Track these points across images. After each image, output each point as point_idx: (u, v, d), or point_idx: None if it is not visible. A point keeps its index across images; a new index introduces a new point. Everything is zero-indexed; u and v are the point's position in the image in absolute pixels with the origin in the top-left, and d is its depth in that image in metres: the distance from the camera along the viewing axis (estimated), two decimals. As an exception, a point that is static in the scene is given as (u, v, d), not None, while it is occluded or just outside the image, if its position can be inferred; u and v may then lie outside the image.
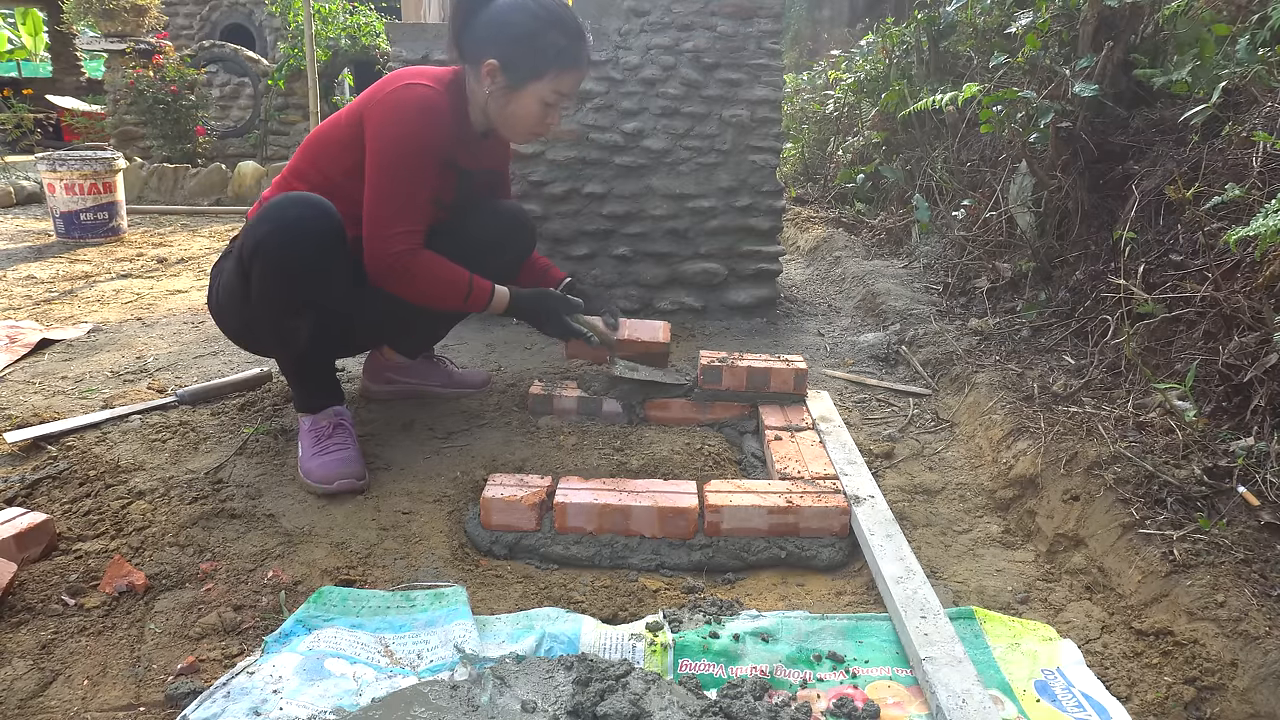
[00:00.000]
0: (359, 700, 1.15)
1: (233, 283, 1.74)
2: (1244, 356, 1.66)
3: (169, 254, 4.22)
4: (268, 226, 1.63)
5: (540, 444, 1.95)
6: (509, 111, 1.82)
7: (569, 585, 1.49)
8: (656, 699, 1.13)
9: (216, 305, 1.85)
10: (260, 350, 1.96)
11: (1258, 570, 1.31)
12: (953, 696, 1.14)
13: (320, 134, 1.85)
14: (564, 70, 1.80)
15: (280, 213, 1.63)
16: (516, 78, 1.78)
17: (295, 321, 1.75)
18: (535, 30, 1.76)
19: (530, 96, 1.80)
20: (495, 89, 1.79)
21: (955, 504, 1.80)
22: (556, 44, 1.78)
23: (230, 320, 1.85)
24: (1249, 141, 1.90)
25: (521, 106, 1.82)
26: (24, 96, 7.99)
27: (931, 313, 2.78)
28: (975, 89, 2.95)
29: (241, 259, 1.67)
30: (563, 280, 2.16)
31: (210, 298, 1.87)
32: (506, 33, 1.77)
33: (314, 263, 1.66)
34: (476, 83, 1.81)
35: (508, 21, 1.77)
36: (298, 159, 1.87)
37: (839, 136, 5.11)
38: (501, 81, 1.78)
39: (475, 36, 1.78)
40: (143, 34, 6.70)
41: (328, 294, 1.75)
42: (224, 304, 1.82)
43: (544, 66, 1.78)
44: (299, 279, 1.67)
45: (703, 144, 2.90)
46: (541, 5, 1.78)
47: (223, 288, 1.80)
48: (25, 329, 2.78)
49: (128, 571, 1.41)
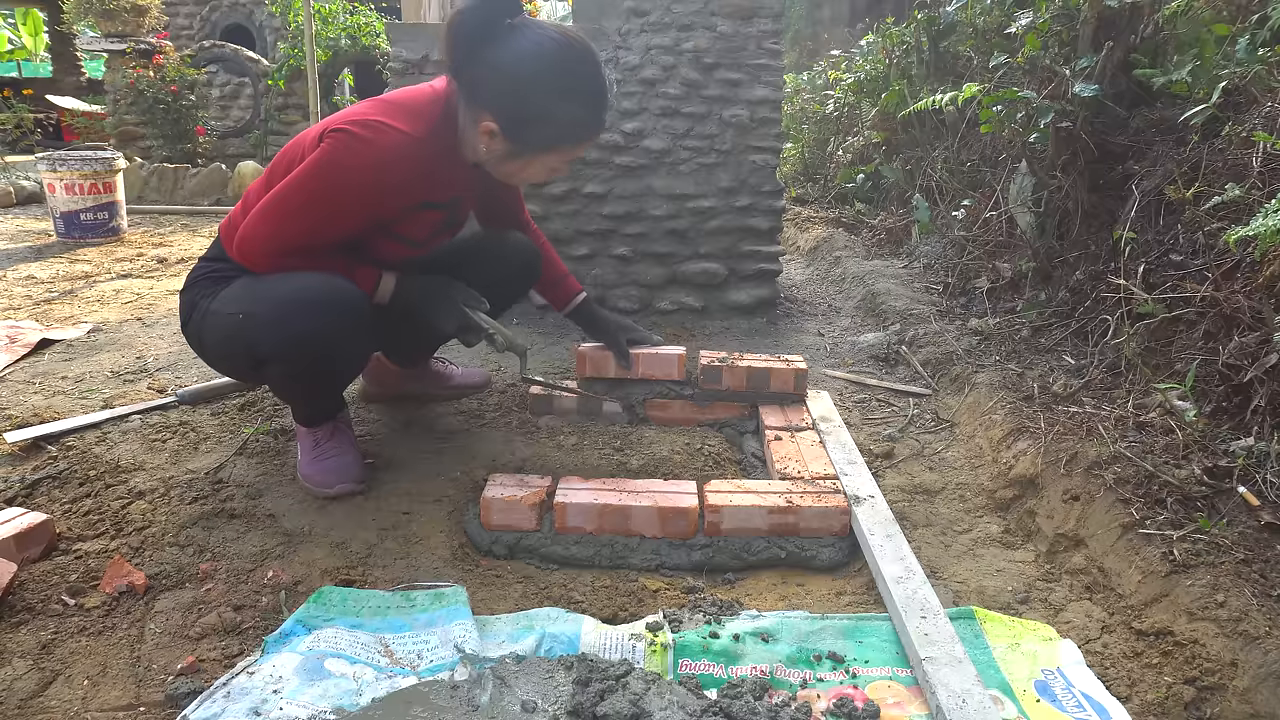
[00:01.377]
0: (359, 700, 1.15)
1: (234, 351, 1.63)
2: (1244, 356, 1.66)
3: (169, 254, 4.22)
4: (291, 335, 1.53)
5: (540, 444, 1.95)
6: (505, 170, 1.65)
7: (569, 585, 1.49)
8: (656, 699, 1.13)
9: (203, 347, 1.71)
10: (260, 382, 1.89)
11: (1258, 570, 1.31)
12: (953, 696, 1.14)
13: (285, 159, 1.65)
14: (578, 143, 1.63)
15: (302, 324, 1.52)
16: (519, 148, 1.57)
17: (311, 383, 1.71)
18: (552, 98, 1.51)
19: (536, 165, 1.62)
20: (493, 151, 1.58)
21: (955, 504, 1.80)
22: (573, 117, 1.55)
23: (226, 368, 1.78)
24: (1249, 141, 1.90)
25: (523, 172, 1.65)
26: (24, 96, 7.98)
27: (931, 313, 2.78)
28: (975, 89, 2.95)
29: (262, 356, 1.58)
30: (579, 295, 2.05)
31: (191, 334, 1.71)
32: (516, 95, 1.51)
33: (344, 363, 1.67)
34: (469, 125, 1.58)
35: (521, 79, 1.50)
36: (264, 184, 1.67)
37: (839, 136, 5.11)
38: (501, 148, 1.56)
39: (477, 77, 1.52)
40: (143, 34, 6.70)
41: (351, 368, 1.74)
42: (217, 357, 1.72)
43: (554, 142, 1.58)
44: (326, 375, 1.68)
45: (703, 144, 2.90)
46: (565, 65, 1.52)
47: (217, 342, 1.66)
48: (25, 329, 2.78)
49: (128, 571, 1.41)
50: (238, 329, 1.58)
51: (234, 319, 1.59)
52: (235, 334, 1.59)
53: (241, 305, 1.59)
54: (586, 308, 2.07)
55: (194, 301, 1.69)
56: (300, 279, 1.58)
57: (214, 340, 1.66)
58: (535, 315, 2.94)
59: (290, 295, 1.55)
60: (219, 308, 1.62)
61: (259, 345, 1.57)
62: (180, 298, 1.74)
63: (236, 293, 1.62)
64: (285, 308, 1.54)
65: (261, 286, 1.59)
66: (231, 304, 1.61)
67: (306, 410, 1.77)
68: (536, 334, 2.82)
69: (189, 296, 1.71)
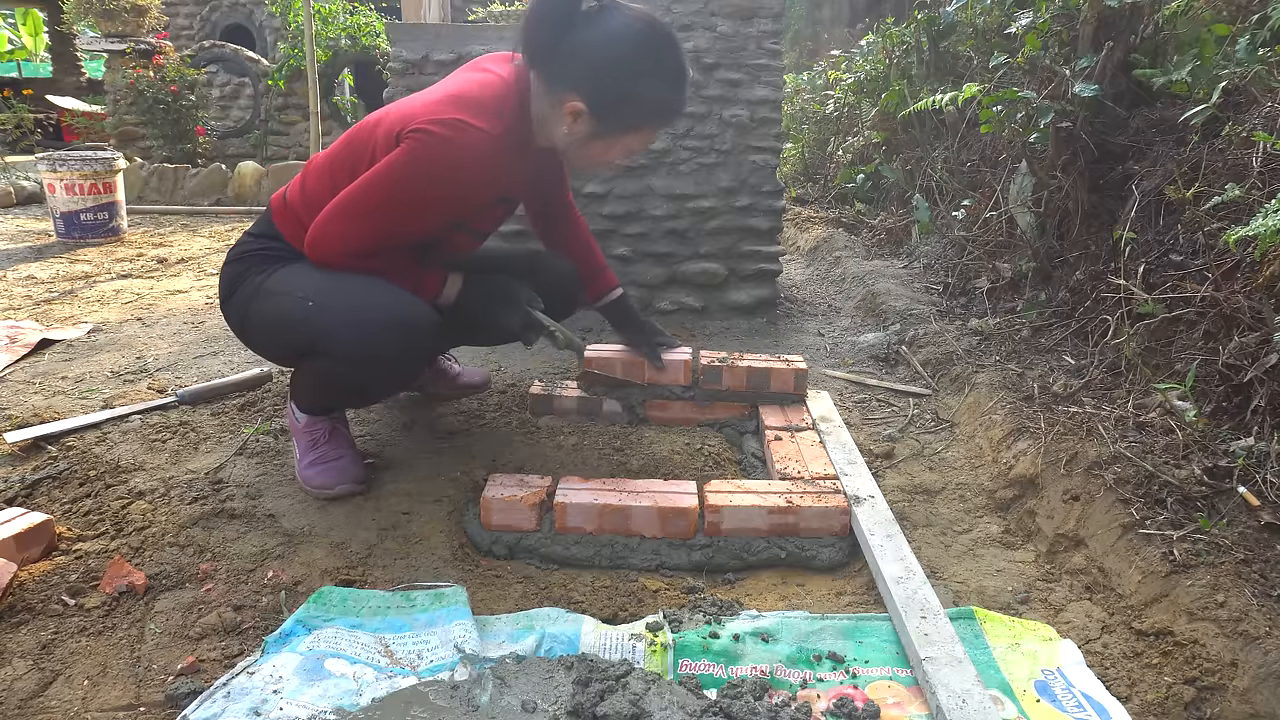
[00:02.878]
0: (359, 700, 1.15)
1: (290, 334, 1.62)
2: (1244, 356, 1.66)
3: (169, 254, 4.22)
4: (366, 350, 1.54)
5: (540, 444, 1.95)
6: (587, 157, 1.64)
7: (569, 585, 1.49)
8: (656, 699, 1.13)
9: (246, 320, 1.68)
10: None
11: (1258, 570, 1.31)
12: (953, 697, 1.14)
13: (354, 149, 1.62)
14: (661, 122, 1.64)
15: (382, 343, 1.54)
16: (605, 128, 1.56)
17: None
18: (640, 77, 1.52)
19: (619, 146, 1.62)
20: (576, 133, 1.57)
21: (955, 504, 1.80)
22: (659, 96, 1.56)
23: (268, 346, 1.76)
24: (1249, 141, 1.90)
25: (605, 154, 1.64)
26: (24, 96, 7.98)
27: (931, 313, 2.78)
28: (975, 89, 2.95)
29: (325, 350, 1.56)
30: (612, 290, 2.03)
31: (234, 307, 1.69)
32: (605, 75, 1.52)
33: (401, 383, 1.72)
34: (550, 109, 1.57)
35: (610, 59, 1.51)
36: (329, 168, 1.65)
37: (839, 136, 5.11)
38: (585, 128, 1.56)
39: (562, 60, 1.52)
40: (143, 34, 6.70)
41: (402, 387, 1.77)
42: (263, 334, 1.69)
43: (641, 120, 1.58)
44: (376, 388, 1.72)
45: (703, 144, 2.90)
46: (652, 46, 1.53)
47: (272, 320, 1.64)
48: (25, 329, 2.78)
49: (128, 571, 1.41)
50: (305, 315, 1.57)
51: (301, 303, 1.57)
52: (301, 319, 1.57)
53: (315, 294, 1.58)
54: (623, 304, 2.06)
55: (241, 274, 1.68)
56: (382, 290, 1.58)
57: (268, 316, 1.64)
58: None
59: (373, 305, 1.55)
60: (280, 286, 1.62)
61: (327, 341, 1.55)
62: (224, 270, 1.71)
63: (306, 277, 1.60)
64: (367, 318, 1.54)
65: (340, 283, 1.58)
66: (299, 287, 1.60)
67: (320, 403, 1.76)
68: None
69: (236, 269, 1.69)
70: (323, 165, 1.68)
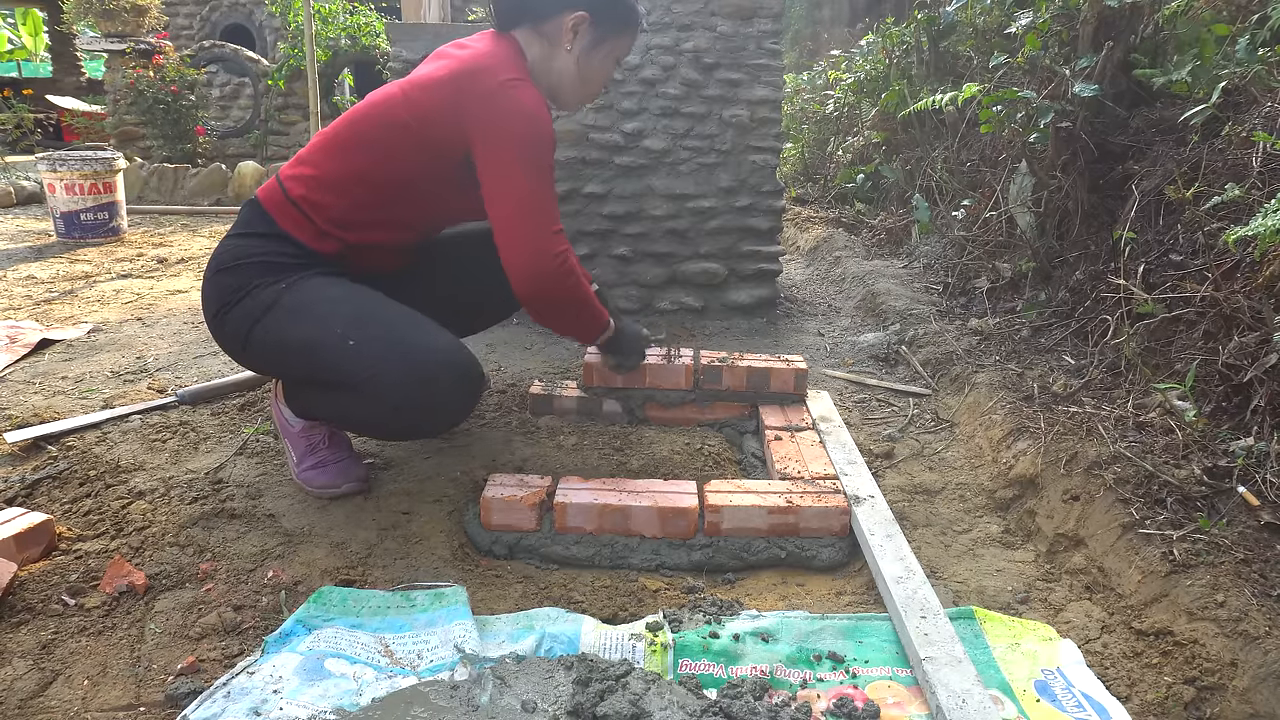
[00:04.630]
0: (359, 700, 1.15)
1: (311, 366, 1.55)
2: (1244, 356, 1.66)
3: (169, 254, 4.22)
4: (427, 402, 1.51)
5: (540, 444, 1.95)
6: (585, 73, 1.72)
7: (569, 585, 1.49)
8: (656, 699, 1.13)
9: (248, 342, 1.58)
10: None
11: (1258, 570, 1.31)
12: (953, 696, 1.14)
13: (379, 130, 1.58)
14: (635, 25, 1.75)
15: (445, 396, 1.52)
16: (604, 30, 1.69)
17: None
18: None
19: (608, 55, 1.73)
20: (580, 46, 1.68)
21: (955, 504, 1.80)
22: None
23: (272, 369, 1.72)
24: (1249, 141, 1.90)
25: (598, 67, 1.73)
26: (24, 96, 7.97)
27: (931, 313, 2.78)
28: (975, 89, 2.95)
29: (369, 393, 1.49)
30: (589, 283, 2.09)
31: (232, 323, 1.58)
32: None
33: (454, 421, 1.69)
34: (545, 45, 1.68)
35: None
36: (346, 156, 1.60)
37: (839, 136, 5.11)
38: (588, 37, 1.68)
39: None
40: (143, 34, 6.70)
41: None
42: (269, 357, 1.61)
43: (629, 18, 1.72)
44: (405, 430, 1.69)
45: (703, 144, 2.90)
46: None
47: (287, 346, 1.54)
48: (25, 329, 2.78)
49: (128, 571, 1.41)
50: (341, 351, 1.48)
51: (337, 337, 1.48)
52: (335, 353, 1.48)
53: (351, 327, 1.49)
54: (600, 296, 2.06)
55: (241, 286, 1.56)
56: (433, 333, 1.53)
57: (285, 340, 1.53)
58: (535, 315, 2.94)
59: (427, 349, 1.50)
60: (303, 305, 1.53)
61: (374, 385, 1.47)
62: (213, 280, 1.60)
63: (339, 303, 1.53)
64: (418, 361, 1.48)
65: (375, 313, 1.53)
66: (333, 315, 1.51)
67: (328, 423, 1.73)
68: (536, 333, 2.82)
69: (232, 280, 1.57)
70: (332, 147, 1.61)
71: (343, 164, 1.60)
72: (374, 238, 1.67)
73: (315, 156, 1.63)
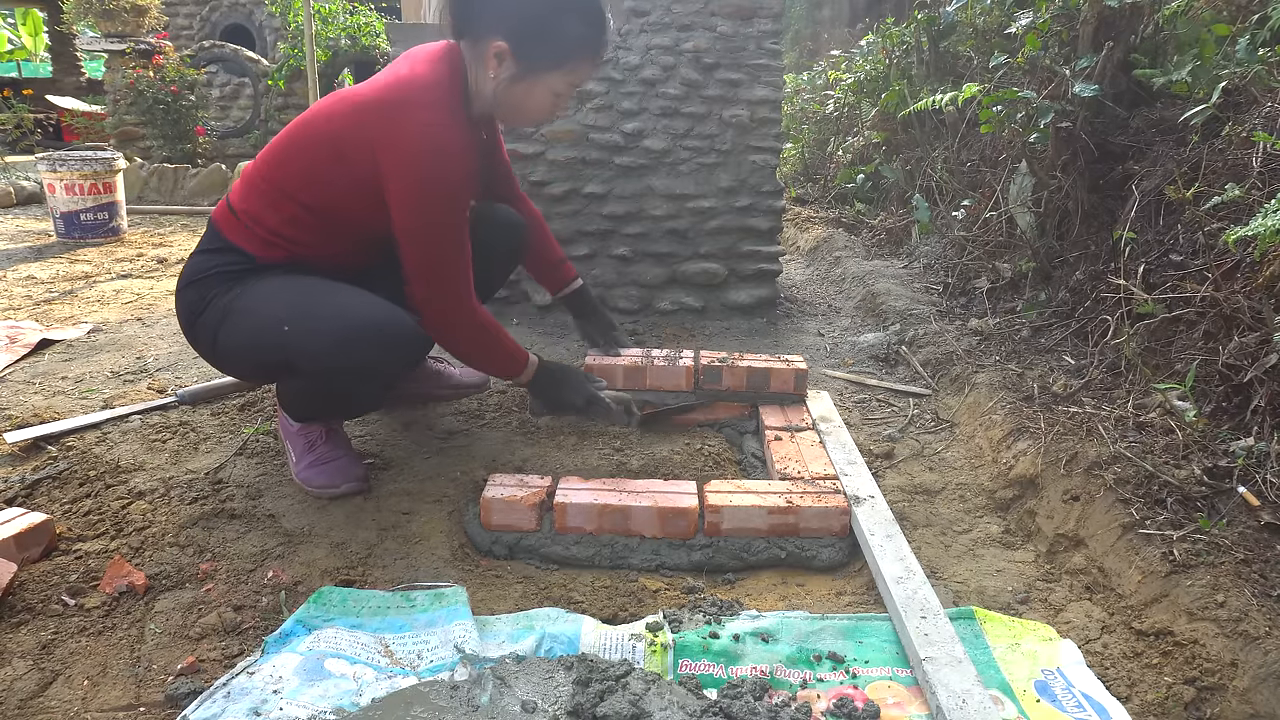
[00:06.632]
0: (359, 700, 1.15)
1: (265, 357, 1.59)
2: (1244, 356, 1.66)
3: (169, 254, 4.22)
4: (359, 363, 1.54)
5: (540, 444, 1.95)
6: (514, 101, 1.64)
7: (569, 585, 1.49)
8: (656, 699, 1.13)
9: (216, 345, 1.63)
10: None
11: (1258, 570, 1.31)
12: (953, 697, 1.14)
13: (304, 147, 1.61)
14: (582, 61, 1.63)
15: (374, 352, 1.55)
16: (528, 66, 1.58)
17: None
18: (553, 12, 1.57)
19: (542, 87, 1.62)
20: (502, 76, 1.59)
21: (955, 504, 1.80)
22: (576, 31, 1.59)
23: (243, 370, 1.75)
24: (1249, 141, 1.90)
25: (531, 97, 1.63)
26: (24, 96, 7.96)
27: (931, 313, 2.78)
28: (975, 89, 2.95)
29: (296, 365, 1.55)
30: (573, 281, 2.11)
31: (201, 331, 1.64)
32: (520, 11, 1.56)
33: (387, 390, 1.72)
34: (478, 66, 1.61)
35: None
36: (275, 170, 1.63)
37: (839, 136, 5.11)
38: (510, 69, 1.58)
39: (480, 10, 1.57)
40: (143, 34, 6.70)
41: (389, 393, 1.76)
42: (236, 357, 1.66)
43: (561, 56, 1.60)
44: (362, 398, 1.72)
45: (703, 144, 2.90)
46: None
47: (243, 343, 1.60)
48: (25, 329, 2.78)
49: (128, 571, 1.41)
50: (280, 338, 1.53)
51: (276, 325, 1.53)
52: (275, 342, 1.54)
53: (289, 315, 1.54)
54: (584, 294, 2.10)
55: (203, 297, 1.62)
56: (359, 299, 1.56)
57: (239, 340, 1.59)
58: (535, 316, 2.94)
59: (352, 317, 1.53)
60: (249, 306, 1.58)
61: (307, 360, 1.53)
62: (181, 295, 1.66)
63: (276, 297, 1.57)
64: (348, 331, 1.52)
65: (315, 299, 1.56)
66: (271, 308, 1.56)
67: (310, 414, 1.75)
68: (536, 334, 2.82)
69: (195, 294, 1.63)
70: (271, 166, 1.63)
71: (279, 177, 1.62)
72: (318, 251, 1.66)
73: (256, 169, 1.66)
